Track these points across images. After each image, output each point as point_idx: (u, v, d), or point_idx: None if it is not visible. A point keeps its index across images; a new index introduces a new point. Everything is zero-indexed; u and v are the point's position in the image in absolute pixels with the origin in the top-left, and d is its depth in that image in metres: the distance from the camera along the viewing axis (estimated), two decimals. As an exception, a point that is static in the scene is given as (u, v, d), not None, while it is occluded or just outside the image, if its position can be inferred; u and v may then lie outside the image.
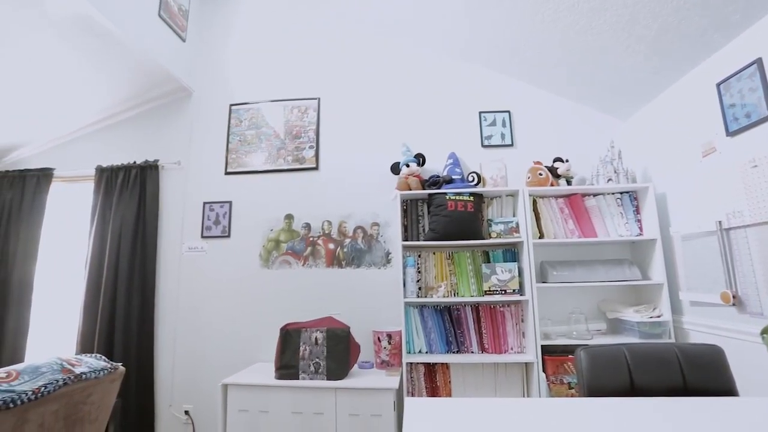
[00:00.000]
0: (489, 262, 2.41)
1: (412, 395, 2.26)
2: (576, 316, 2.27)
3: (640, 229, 2.28)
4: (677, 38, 1.84)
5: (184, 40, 2.92)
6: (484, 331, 2.35)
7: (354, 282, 2.59)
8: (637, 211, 2.32)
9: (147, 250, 2.78)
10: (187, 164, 2.92)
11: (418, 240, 2.41)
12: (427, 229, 2.44)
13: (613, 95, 2.42)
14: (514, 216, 2.43)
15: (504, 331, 2.33)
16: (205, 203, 2.83)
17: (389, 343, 2.30)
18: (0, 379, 1.44)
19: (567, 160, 2.43)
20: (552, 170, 2.43)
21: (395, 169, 2.56)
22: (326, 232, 2.68)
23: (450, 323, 2.36)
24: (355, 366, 2.33)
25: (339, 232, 2.66)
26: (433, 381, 2.32)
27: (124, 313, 2.68)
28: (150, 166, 2.90)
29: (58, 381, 1.57)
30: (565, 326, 2.31)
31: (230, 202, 2.81)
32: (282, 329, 2.18)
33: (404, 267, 2.32)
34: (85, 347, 2.68)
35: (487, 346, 2.33)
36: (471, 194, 2.36)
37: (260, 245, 2.73)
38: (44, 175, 3.06)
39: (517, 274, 2.28)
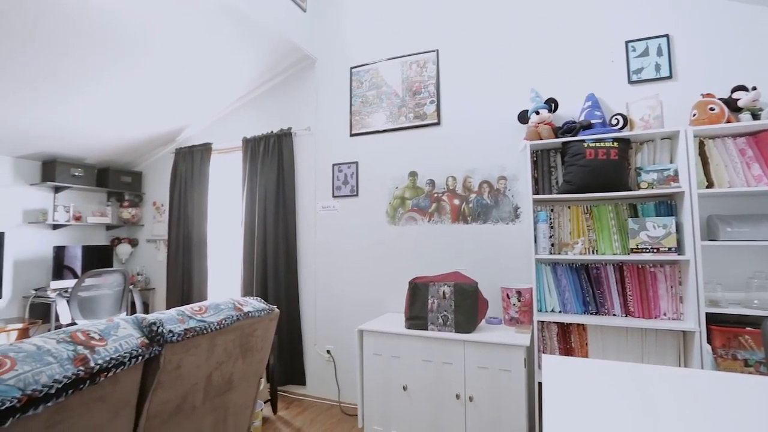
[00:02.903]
0: (637, 216, 2.11)
1: (544, 354, 2.18)
2: (760, 282, 1.86)
3: None
4: None
5: (304, 11, 3.06)
6: (629, 293, 2.11)
7: (480, 238, 2.54)
8: None
9: (287, 209, 3.13)
10: (315, 129, 3.14)
11: (551, 193, 2.22)
12: (560, 181, 2.23)
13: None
14: (671, 162, 2.06)
15: (655, 294, 2.06)
16: (333, 165, 3.04)
17: (519, 300, 2.22)
18: (196, 312, 1.80)
19: (754, 88, 1.92)
20: (729, 103, 1.95)
21: (523, 117, 2.36)
22: (451, 187, 2.64)
23: (587, 282, 2.17)
24: (483, 321, 2.33)
25: (464, 188, 2.61)
26: (567, 341, 2.19)
27: (273, 264, 3.10)
28: (285, 133, 3.20)
29: (233, 316, 1.90)
30: (741, 293, 1.93)
31: (356, 163, 2.96)
32: (410, 282, 2.27)
33: (535, 222, 2.18)
34: (246, 291, 3.21)
35: (632, 310, 2.09)
36: (615, 140, 2.05)
37: (386, 202, 2.84)
38: (206, 149, 3.61)
39: (675, 230, 1.96)
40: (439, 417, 2.11)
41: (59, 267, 3.53)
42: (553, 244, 2.24)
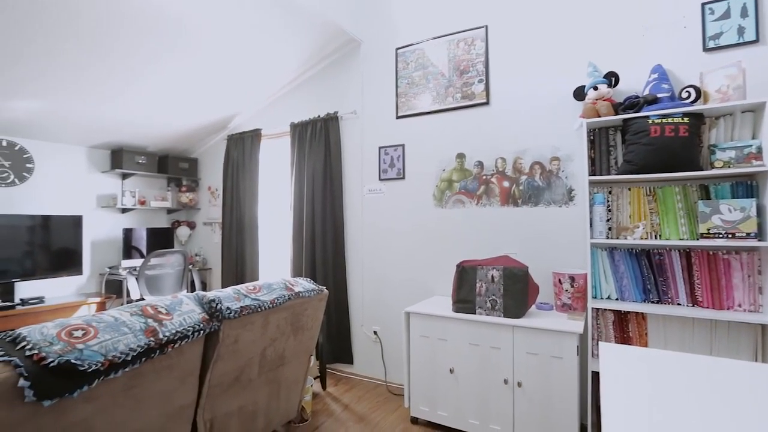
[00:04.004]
0: (709, 198, 1.94)
1: (601, 342, 2.09)
2: None
3: None
4: None
5: (348, -8, 3.03)
6: (696, 281, 1.95)
7: (531, 221, 2.45)
8: None
9: (335, 193, 3.18)
10: (361, 112, 3.14)
11: (609, 174, 2.09)
12: (620, 161, 2.08)
13: None
14: (753, 138, 1.85)
15: (728, 283, 1.89)
16: (380, 148, 3.03)
17: (571, 286, 2.13)
18: (250, 291, 1.89)
19: None
20: (828, 68, 1.72)
21: (579, 94, 2.21)
22: (500, 169, 2.55)
23: (648, 269, 2.04)
24: (533, 306, 2.26)
25: (514, 169, 2.51)
26: (624, 330, 2.08)
27: (321, 246, 3.18)
28: (331, 117, 3.23)
29: (285, 296, 1.97)
30: (833, 282, 1.72)
31: (403, 145, 2.93)
32: (458, 266, 2.24)
33: (591, 205, 2.06)
34: (296, 272, 3.32)
35: (700, 299, 1.94)
36: (684, 115, 1.87)
37: (433, 185, 2.80)
38: (255, 135, 3.73)
39: (755, 213, 1.77)
40: (486, 401, 2.09)
41: (128, 247, 3.84)
42: (610, 228, 2.11)
